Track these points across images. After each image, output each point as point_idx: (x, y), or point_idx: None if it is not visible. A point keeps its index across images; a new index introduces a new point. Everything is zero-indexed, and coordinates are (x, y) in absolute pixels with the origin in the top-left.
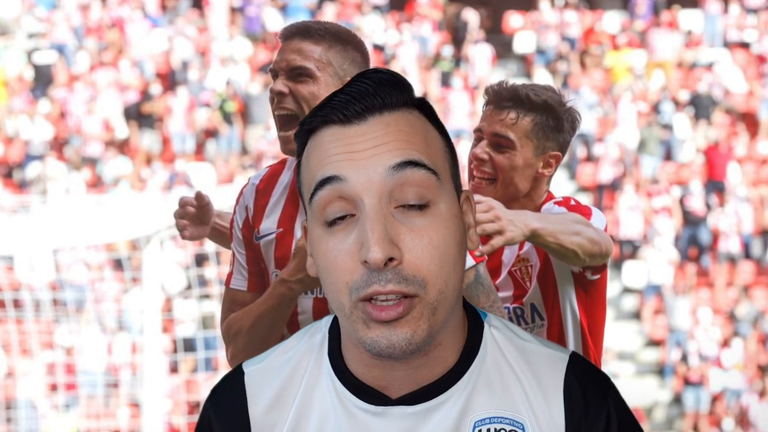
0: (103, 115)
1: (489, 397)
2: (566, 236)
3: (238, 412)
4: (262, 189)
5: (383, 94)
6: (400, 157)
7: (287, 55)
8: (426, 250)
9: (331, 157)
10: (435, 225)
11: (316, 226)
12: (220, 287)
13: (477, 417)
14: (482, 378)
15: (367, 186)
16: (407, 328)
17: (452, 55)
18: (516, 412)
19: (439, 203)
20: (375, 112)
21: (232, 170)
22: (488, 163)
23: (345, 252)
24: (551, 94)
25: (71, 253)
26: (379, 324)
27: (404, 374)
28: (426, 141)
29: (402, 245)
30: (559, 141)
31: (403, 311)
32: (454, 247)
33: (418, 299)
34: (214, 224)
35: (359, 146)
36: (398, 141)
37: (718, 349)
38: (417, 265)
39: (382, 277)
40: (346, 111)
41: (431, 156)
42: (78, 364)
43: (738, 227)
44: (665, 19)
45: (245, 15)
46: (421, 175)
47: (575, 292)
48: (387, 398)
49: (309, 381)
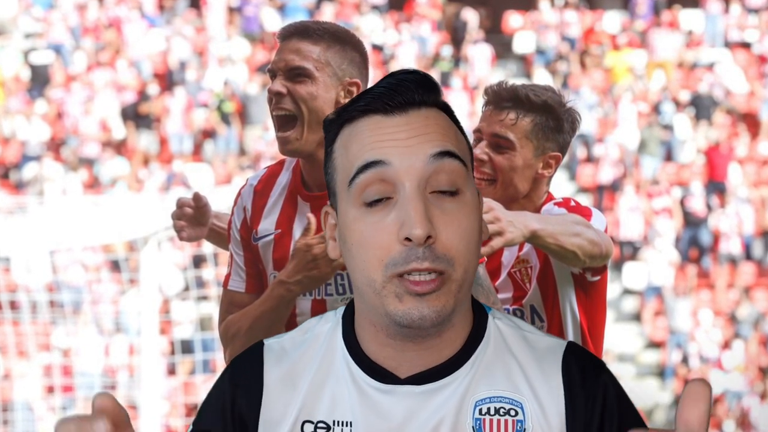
0: (100, 116)
1: (491, 379)
2: (566, 237)
3: (254, 377)
4: (260, 190)
5: (422, 92)
6: (439, 147)
7: (285, 56)
8: (456, 232)
9: (375, 143)
10: (464, 210)
11: (352, 207)
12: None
13: (478, 397)
14: (485, 362)
15: (410, 171)
16: (437, 302)
17: (451, 55)
18: (516, 393)
19: (467, 192)
20: (414, 106)
21: (230, 171)
22: (488, 164)
23: (383, 230)
24: (551, 95)
25: (68, 254)
26: (413, 297)
27: (415, 354)
28: (456, 137)
29: (436, 226)
30: (559, 141)
31: (436, 286)
32: (477, 232)
33: (446, 276)
34: (212, 225)
35: (402, 135)
36: (437, 133)
37: (719, 351)
38: (448, 246)
39: (420, 255)
40: (390, 102)
41: (461, 150)
42: (75, 365)
43: (739, 228)
44: (666, 19)
45: (243, 15)
46: (455, 165)
47: (575, 294)
48: (396, 378)
49: (323, 360)
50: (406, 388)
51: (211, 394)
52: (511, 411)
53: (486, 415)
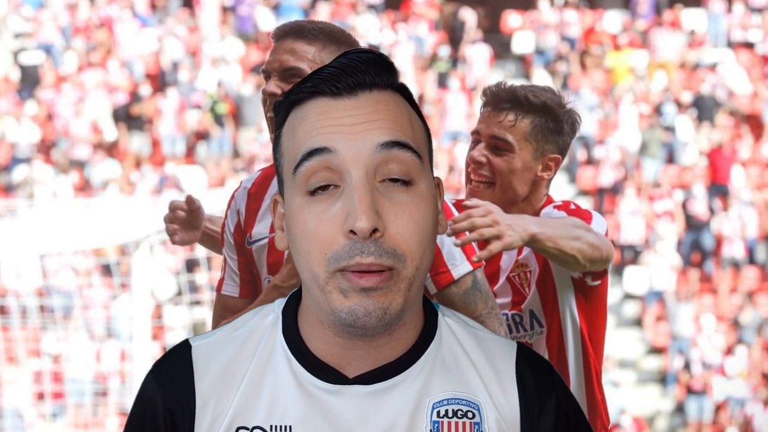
0: (91, 117)
1: (446, 379)
2: (566, 241)
3: (184, 384)
4: (254, 193)
5: (374, 73)
6: (389, 136)
7: (280, 56)
8: (407, 225)
9: (320, 129)
10: (417, 202)
11: (297, 196)
12: (211, 293)
13: (435, 399)
14: (438, 361)
15: (356, 158)
16: (384, 298)
17: (449, 56)
18: (472, 394)
19: (420, 183)
20: (365, 88)
21: (224, 173)
22: (486, 166)
23: (327, 221)
24: (551, 96)
25: (59, 258)
26: (358, 292)
27: (364, 353)
28: (411, 124)
29: (385, 218)
30: (558, 143)
31: (382, 281)
32: (431, 225)
33: (395, 272)
34: (205, 229)
35: (349, 120)
36: (387, 120)
37: (722, 357)
38: (397, 240)
39: (364, 249)
40: (338, 84)
41: (416, 139)
42: (65, 372)
43: (742, 232)
44: (667, 19)
45: (237, 14)
46: (406, 155)
47: (575, 299)
48: (344, 377)
49: (260, 358)
50: (354, 388)
51: (136, 410)
52: (468, 413)
53: (444, 418)
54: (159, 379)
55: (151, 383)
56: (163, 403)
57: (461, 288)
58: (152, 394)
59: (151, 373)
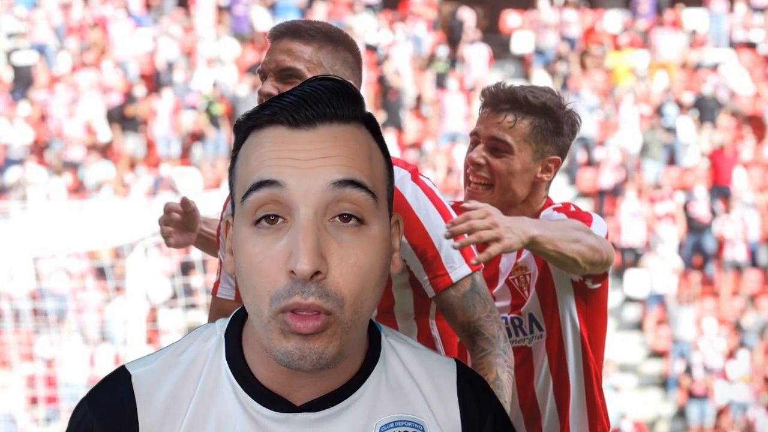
0: (85, 118)
1: (391, 401)
2: (566, 244)
3: (126, 416)
4: None
5: (336, 104)
6: (342, 175)
7: (276, 56)
8: (351, 270)
9: (273, 160)
10: (365, 245)
11: (244, 226)
12: (207, 297)
13: (382, 422)
14: (383, 383)
15: (306, 196)
16: (320, 343)
17: (447, 56)
18: (416, 414)
19: (373, 225)
20: (325, 120)
21: (219, 175)
22: (485, 168)
23: (271, 258)
24: (550, 96)
25: (52, 261)
26: (296, 335)
27: (310, 381)
28: (370, 161)
29: (330, 260)
30: (558, 145)
31: (321, 326)
32: (378, 269)
33: (333, 317)
34: (201, 231)
35: (304, 155)
36: (344, 157)
37: (724, 361)
38: (339, 283)
39: (305, 290)
40: (296, 115)
41: (373, 178)
42: (59, 376)
43: (744, 234)
44: (669, 19)
45: (233, 14)
46: (360, 195)
47: (575, 302)
48: (291, 405)
49: (205, 385)
50: (301, 415)
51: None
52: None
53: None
54: (96, 410)
55: (87, 414)
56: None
57: (460, 291)
58: (88, 426)
59: (86, 402)
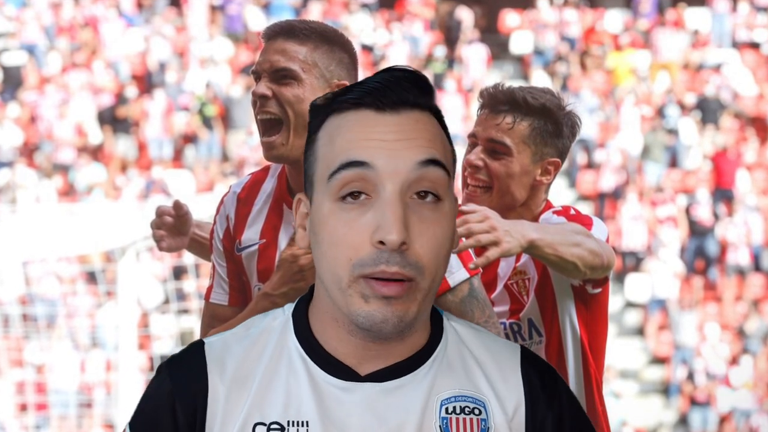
0: (75, 120)
1: (452, 378)
2: (566, 248)
3: (197, 381)
4: (244, 198)
5: (416, 92)
6: (427, 155)
7: (270, 56)
8: (430, 241)
9: (362, 141)
10: (441, 220)
11: (328, 201)
12: (200, 302)
13: (443, 396)
14: (446, 361)
15: (394, 174)
16: (402, 307)
17: (445, 56)
18: (478, 392)
19: (446, 201)
20: (407, 106)
21: (212, 178)
22: (483, 171)
23: (356, 229)
24: (550, 98)
25: (42, 265)
26: (379, 299)
27: (376, 354)
28: (443, 144)
29: (411, 233)
30: (558, 147)
31: (403, 291)
32: (449, 242)
33: (414, 283)
34: (193, 235)
35: (391, 136)
36: (426, 139)
37: (727, 367)
38: (420, 254)
39: (390, 259)
40: (383, 99)
41: (447, 159)
42: (49, 382)
43: (747, 238)
44: (670, 18)
45: (226, 13)
46: (439, 173)
47: (575, 307)
48: (356, 374)
49: (273, 356)
50: (367, 385)
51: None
52: (475, 410)
53: (452, 414)
54: (173, 374)
55: (165, 380)
56: (175, 399)
57: (457, 296)
58: (165, 389)
59: (165, 368)
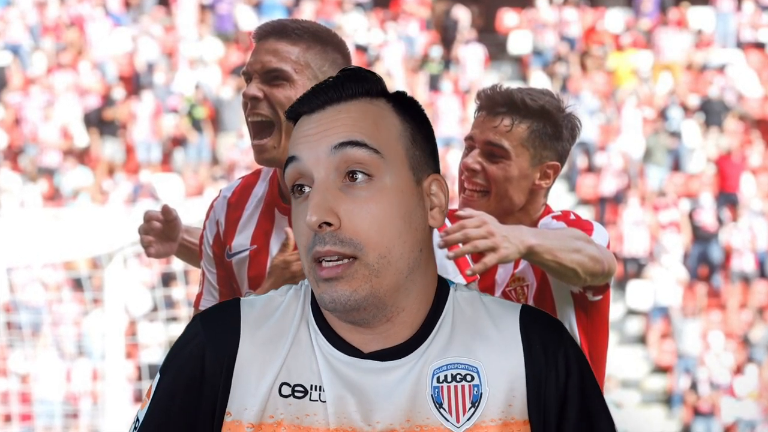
0: (61, 122)
1: (448, 348)
2: (565, 254)
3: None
4: (235, 202)
5: (342, 87)
6: (342, 138)
7: (262, 57)
8: (366, 217)
9: (294, 140)
10: (376, 196)
11: (292, 198)
12: (189, 309)
13: (435, 365)
14: (443, 334)
15: (316, 163)
16: (347, 286)
17: (441, 57)
18: (471, 358)
19: (383, 177)
20: (333, 102)
21: (202, 182)
22: (480, 174)
23: (302, 218)
24: (549, 99)
25: (27, 271)
26: (324, 282)
27: (372, 337)
28: (376, 124)
29: (341, 213)
30: (557, 150)
31: (341, 271)
32: (398, 217)
33: (357, 261)
34: (182, 241)
35: (313, 131)
36: (344, 126)
37: (731, 377)
38: (354, 230)
39: (321, 240)
40: (310, 103)
41: (378, 138)
42: (34, 392)
43: (752, 244)
44: (673, 18)
45: (216, 13)
46: (361, 152)
47: (575, 315)
48: (360, 352)
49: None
50: (369, 362)
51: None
52: (467, 377)
53: (443, 383)
54: (207, 328)
55: (198, 334)
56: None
57: None
58: (198, 341)
59: (199, 322)
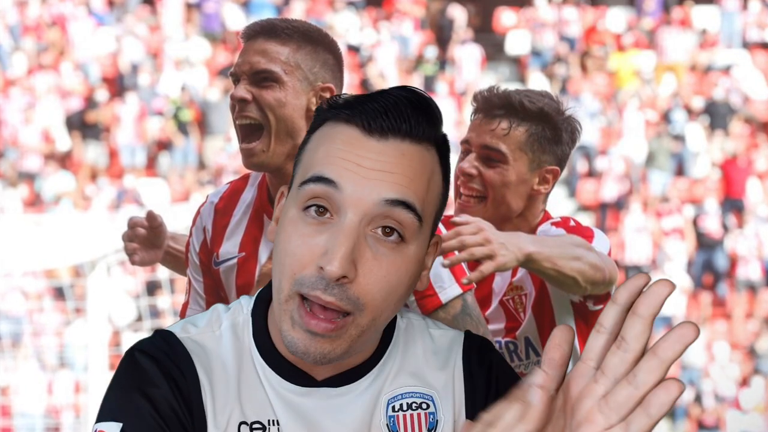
0: (42, 125)
1: (401, 376)
2: (565, 261)
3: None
4: (222, 208)
5: (414, 122)
6: (398, 194)
7: (250, 57)
8: (379, 282)
9: (338, 159)
10: (398, 262)
11: (295, 207)
12: (175, 318)
13: (390, 395)
14: (397, 360)
15: (357, 204)
16: (328, 345)
17: (436, 57)
18: (425, 387)
19: (411, 245)
20: (398, 135)
21: (188, 187)
22: (477, 179)
23: (308, 246)
24: (548, 101)
25: (6, 280)
26: (305, 330)
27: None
28: (428, 185)
29: (360, 267)
30: (556, 154)
31: (334, 330)
32: (405, 286)
33: (351, 318)
34: (168, 248)
35: (368, 163)
36: (403, 176)
37: (737, 389)
38: (364, 291)
39: (329, 288)
40: (373, 122)
41: (425, 202)
42: (14, 405)
43: (759, 251)
44: (677, 17)
45: (203, 12)
46: (407, 216)
47: (575, 325)
48: (313, 379)
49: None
50: (323, 390)
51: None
52: (422, 405)
53: (399, 412)
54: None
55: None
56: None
57: (449, 313)
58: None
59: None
